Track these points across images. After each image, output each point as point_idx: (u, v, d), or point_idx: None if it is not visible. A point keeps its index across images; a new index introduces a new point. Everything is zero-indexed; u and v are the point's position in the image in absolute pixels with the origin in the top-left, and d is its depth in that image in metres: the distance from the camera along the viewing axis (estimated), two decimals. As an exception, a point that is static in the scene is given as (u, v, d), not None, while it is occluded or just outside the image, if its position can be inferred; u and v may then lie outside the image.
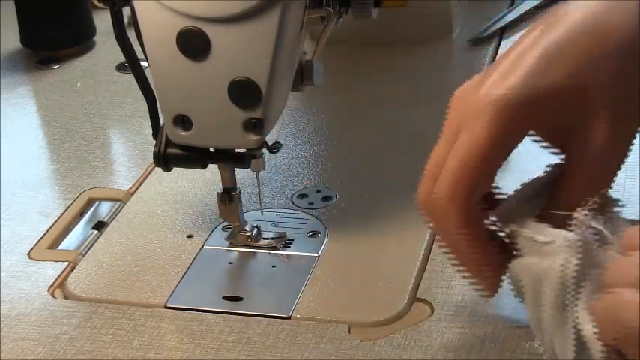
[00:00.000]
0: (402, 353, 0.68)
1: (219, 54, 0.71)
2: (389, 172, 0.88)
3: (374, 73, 1.05)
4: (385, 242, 0.79)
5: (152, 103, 0.78)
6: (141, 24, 0.73)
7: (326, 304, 0.74)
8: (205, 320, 0.73)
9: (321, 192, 0.87)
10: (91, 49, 1.15)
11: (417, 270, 0.76)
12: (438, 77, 1.03)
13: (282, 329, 0.72)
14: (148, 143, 0.89)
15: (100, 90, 1.07)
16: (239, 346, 0.70)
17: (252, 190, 0.86)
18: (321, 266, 0.78)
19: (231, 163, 0.77)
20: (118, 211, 0.87)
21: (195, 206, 0.86)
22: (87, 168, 0.93)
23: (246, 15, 0.70)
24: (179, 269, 0.79)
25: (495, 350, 0.67)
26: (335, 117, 0.99)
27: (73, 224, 0.86)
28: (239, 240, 0.80)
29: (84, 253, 0.81)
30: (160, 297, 0.76)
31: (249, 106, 0.72)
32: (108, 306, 0.75)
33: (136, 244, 0.82)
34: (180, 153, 0.76)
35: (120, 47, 0.76)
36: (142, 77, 0.77)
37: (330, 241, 0.80)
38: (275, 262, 0.79)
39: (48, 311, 0.75)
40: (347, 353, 0.69)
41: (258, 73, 0.71)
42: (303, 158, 0.91)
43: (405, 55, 1.07)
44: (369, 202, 0.85)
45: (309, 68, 0.77)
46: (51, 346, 0.72)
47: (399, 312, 0.72)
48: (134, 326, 0.73)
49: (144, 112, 0.79)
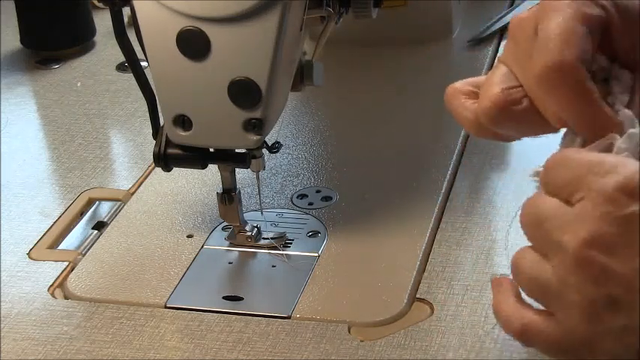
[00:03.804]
0: (402, 353, 0.68)
1: (219, 54, 0.71)
2: (389, 172, 0.88)
3: (374, 73, 1.05)
4: (385, 242, 0.79)
5: (152, 103, 0.78)
6: (141, 24, 0.73)
7: (326, 304, 0.74)
8: (205, 320, 0.73)
9: (321, 192, 0.87)
10: (91, 49, 1.15)
11: (416, 270, 0.76)
12: (437, 77, 1.03)
13: (282, 329, 0.72)
14: (148, 143, 0.89)
15: (100, 90, 1.07)
16: (239, 346, 0.70)
17: (252, 190, 0.86)
18: (321, 266, 0.78)
19: (231, 163, 0.77)
20: (118, 211, 0.87)
21: (195, 206, 0.86)
22: (87, 168, 0.93)
23: (246, 15, 0.70)
24: (179, 269, 0.79)
25: (495, 350, 0.67)
26: (335, 117, 0.99)
27: (73, 224, 0.86)
28: (239, 240, 0.80)
29: (84, 253, 0.81)
30: (159, 297, 0.76)
31: (249, 106, 0.72)
32: (108, 306, 0.75)
33: (135, 244, 0.82)
34: (180, 153, 0.76)
35: (120, 47, 0.76)
36: (142, 77, 0.77)
37: (330, 241, 0.80)
38: (275, 262, 0.79)
39: (48, 311, 0.75)
40: (347, 353, 0.69)
41: (258, 73, 0.71)
42: (303, 158, 0.91)
43: (405, 55, 1.07)
44: (369, 202, 0.85)
45: (309, 68, 0.77)
46: (51, 346, 0.72)
47: (399, 312, 0.72)
48: (134, 326, 0.73)
49: (144, 112, 0.79)
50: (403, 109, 0.98)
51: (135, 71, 0.77)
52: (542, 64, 0.57)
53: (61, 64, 1.13)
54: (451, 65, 1.08)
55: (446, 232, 0.80)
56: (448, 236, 0.80)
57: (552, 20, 0.57)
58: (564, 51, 0.56)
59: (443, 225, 0.81)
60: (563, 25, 0.57)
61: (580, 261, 0.51)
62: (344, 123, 0.97)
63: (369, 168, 0.89)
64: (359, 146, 0.93)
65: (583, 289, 0.51)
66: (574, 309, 0.52)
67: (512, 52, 0.61)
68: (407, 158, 0.90)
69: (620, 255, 0.50)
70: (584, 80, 0.56)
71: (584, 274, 0.51)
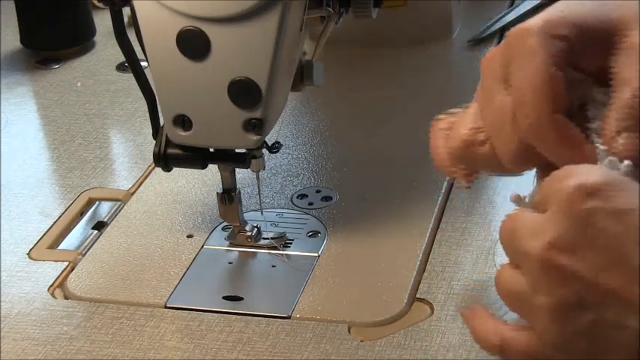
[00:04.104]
0: (402, 353, 0.68)
1: (219, 54, 0.71)
2: (389, 172, 0.88)
3: (374, 73, 1.05)
4: (385, 242, 0.79)
5: (152, 103, 0.78)
6: (141, 24, 0.73)
7: (326, 304, 0.74)
8: (205, 320, 0.73)
9: (321, 192, 0.87)
10: (91, 49, 1.15)
11: (416, 270, 0.76)
12: (437, 77, 1.03)
13: (282, 329, 0.72)
14: (148, 143, 0.89)
15: (100, 90, 1.07)
16: (239, 346, 0.70)
17: (252, 190, 0.86)
18: (321, 266, 0.78)
19: (231, 163, 0.77)
20: (118, 211, 0.87)
21: (195, 206, 0.86)
22: (87, 168, 0.93)
23: (246, 15, 0.70)
24: (179, 269, 0.79)
25: (495, 350, 0.67)
26: (335, 117, 0.99)
27: (73, 224, 0.86)
28: (239, 240, 0.80)
29: (84, 253, 0.81)
30: (159, 297, 0.76)
31: (249, 106, 0.72)
32: (108, 306, 0.75)
33: (135, 244, 0.82)
34: (180, 153, 0.76)
35: (120, 47, 0.76)
36: (142, 77, 0.77)
37: (330, 241, 0.80)
38: (275, 262, 0.79)
39: (48, 311, 0.75)
40: (347, 353, 0.69)
41: (258, 73, 0.71)
42: (303, 158, 0.91)
43: (405, 55, 1.07)
44: (369, 202, 0.85)
45: (309, 68, 0.77)
46: (51, 346, 0.72)
47: (399, 312, 0.72)
48: (134, 326, 0.73)
49: (144, 112, 0.79)
50: (403, 109, 0.98)
51: (135, 71, 0.77)
52: (526, 125, 0.57)
53: (61, 64, 1.13)
54: (451, 65, 1.08)
55: (446, 232, 0.80)
56: (448, 236, 0.80)
57: (525, 70, 0.58)
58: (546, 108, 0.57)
59: (443, 225, 0.81)
60: (538, 77, 0.57)
61: (544, 264, 0.52)
62: (344, 123, 0.97)
63: (369, 168, 0.89)
64: (359, 146, 0.93)
65: (550, 291, 0.52)
66: (544, 312, 0.53)
67: (480, 91, 0.62)
68: (407, 158, 0.90)
69: (581, 254, 0.51)
70: (567, 130, 0.57)
71: (550, 276, 0.52)
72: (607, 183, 0.52)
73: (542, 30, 0.58)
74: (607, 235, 0.51)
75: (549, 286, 0.52)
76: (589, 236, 0.51)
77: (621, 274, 0.50)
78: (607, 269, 0.51)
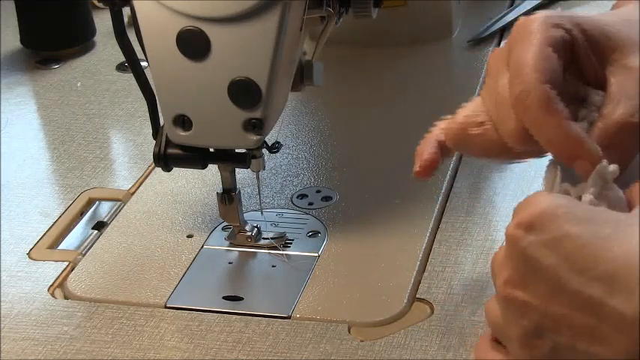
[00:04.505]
0: (402, 353, 0.68)
1: (219, 54, 0.71)
2: (389, 172, 0.88)
3: (374, 73, 1.05)
4: (385, 242, 0.79)
5: (152, 103, 0.78)
6: (141, 24, 0.73)
7: (326, 304, 0.74)
8: (205, 320, 0.73)
9: (321, 192, 0.87)
10: (91, 49, 1.15)
11: (416, 270, 0.76)
12: (437, 77, 1.03)
13: (282, 329, 0.72)
14: (148, 143, 0.89)
15: (100, 90, 1.07)
16: (239, 346, 0.70)
17: (252, 190, 0.86)
18: (321, 266, 0.78)
19: (231, 163, 0.77)
20: (118, 211, 0.87)
21: (195, 206, 0.86)
22: (87, 168, 0.93)
23: (246, 15, 0.70)
24: (179, 269, 0.79)
25: (495, 350, 0.67)
26: (335, 117, 0.99)
27: (73, 224, 0.86)
28: (239, 240, 0.80)
29: (84, 253, 0.81)
30: (159, 297, 0.76)
31: (249, 106, 0.72)
32: (108, 306, 0.75)
33: (135, 244, 0.82)
34: (180, 153, 0.76)
35: (120, 47, 0.76)
36: (142, 77, 0.77)
37: (330, 241, 0.80)
38: (275, 262, 0.79)
39: (48, 311, 0.75)
40: (347, 353, 0.69)
41: (258, 73, 0.71)
42: (303, 158, 0.91)
43: (405, 55, 1.07)
44: (369, 202, 0.85)
45: (309, 68, 0.77)
46: (51, 346, 0.72)
47: (399, 312, 0.72)
48: (134, 326, 0.73)
49: (144, 112, 0.79)
50: (403, 109, 0.98)
51: (135, 71, 0.77)
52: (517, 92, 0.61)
53: (61, 64, 1.13)
54: (451, 65, 1.08)
55: (446, 232, 0.80)
56: (448, 236, 0.80)
57: (523, 48, 0.62)
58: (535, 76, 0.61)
59: (443, 225, 0.81)
60: (533, 52, 0.61)
61: (505, 299, 0.56)
62: (344, 123, 0.97)
63: (369, 168, 0.89)
64: (359, 146, 0.93)
65: (515, 322, 0.56)
66: (514, 341, 0.57)
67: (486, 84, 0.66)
68: (407, 158, 0.90)
69: (531, 287, 0.55)
70: (553, 102, 0.60)
71: (510, 310, 0.56)
72: (540, 215, 0.55)
73: (544, 19, 0.63)
74: (544, 267, 0.54)
75: (514, 318, 0.56)
76: (531, 270, 0.55)
77: (565, 301, 0.53)
78: (552, 298, 0.54)
